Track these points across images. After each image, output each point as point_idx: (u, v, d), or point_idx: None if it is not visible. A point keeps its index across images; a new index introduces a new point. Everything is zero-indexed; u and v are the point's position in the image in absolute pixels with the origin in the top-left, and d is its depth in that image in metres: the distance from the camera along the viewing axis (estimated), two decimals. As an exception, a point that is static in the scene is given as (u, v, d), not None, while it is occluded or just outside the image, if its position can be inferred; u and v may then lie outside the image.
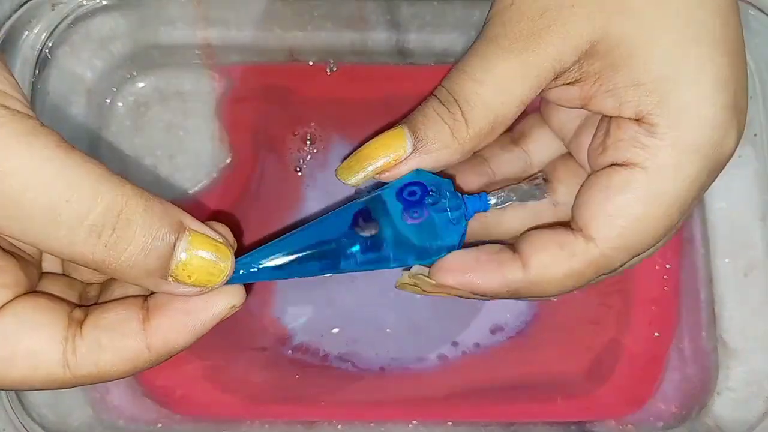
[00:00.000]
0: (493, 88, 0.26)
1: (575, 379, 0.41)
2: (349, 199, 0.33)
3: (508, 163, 0.33)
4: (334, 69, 0.44)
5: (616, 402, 0.41)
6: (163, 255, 0.22)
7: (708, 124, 0.25)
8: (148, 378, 0.41)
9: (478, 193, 0.29)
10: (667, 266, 0.42)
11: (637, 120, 0.26)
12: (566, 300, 0.42)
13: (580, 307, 0.42)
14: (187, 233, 0.23)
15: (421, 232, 0.27)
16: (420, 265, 0.28)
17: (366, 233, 0.27)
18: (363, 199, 0.27)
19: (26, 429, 0.36)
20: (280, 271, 0.26)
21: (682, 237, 0.42)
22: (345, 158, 0.28)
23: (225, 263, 0.24)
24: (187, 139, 0.43)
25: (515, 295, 0.27)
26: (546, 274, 0.26)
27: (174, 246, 0.23)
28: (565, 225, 0.27)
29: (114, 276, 0.22)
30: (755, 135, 0.40)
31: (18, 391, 0.37)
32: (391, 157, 0.26)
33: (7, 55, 0.39)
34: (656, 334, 0.42)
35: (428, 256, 0.28)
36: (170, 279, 0.23)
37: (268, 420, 0.40)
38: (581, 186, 0.27)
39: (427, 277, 0.28)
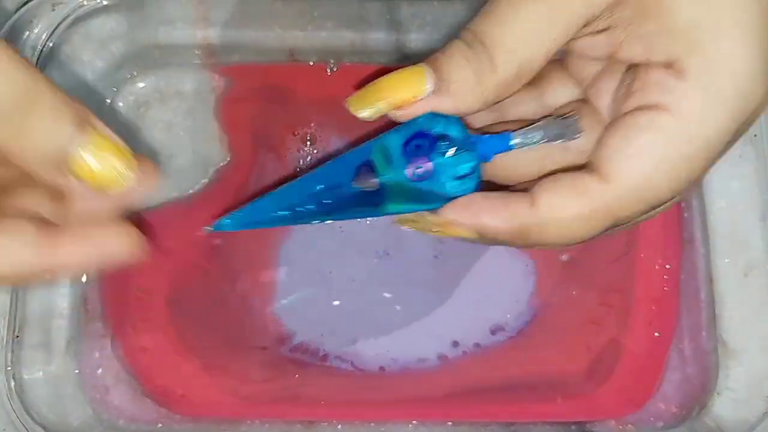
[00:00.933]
0: (522, 33, 0.25)
1: (575, 379, 0.41)
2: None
3: (521, 103, 0.31)
4: (334, 69, 0.44)
5: (616, 402, 0.41)
6: (63, 146, 0.23)
7: (739, 73, 0.24)
8: (149, 378, 0.41)
9: (500, 132, 0.27)
10: (667, 266, 0.42)
11: (666, 66, 0.25)
12: (566, 300, 0.42)
13: (580, 307, 0.42)
14: (91, 130, 0.23)
15: (425, 188, 0.26)
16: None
17: (367, 187, 0.26)
18: (365, 147, 0.26)
19: (26, 428, 0.36)
20: (280, 219, 0.27)
21: (682, 237, 0.42)
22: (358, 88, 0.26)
23: (126, 170, 0.23)
24: (187, 139, 0.43)
25: (519, 238, 0.26)
26: (555, 213, 0.25)
27: (76, 138, 0.23)
28: (581, 168, 0.26)
29: (15, 160, 0.23)
30: (755, 135, 0.40)
31: (18, 390, 0.37)
32: (409, 93, 0.25)
33: (7, 55, 0.39)
34: (656, 334, 0.42)
35: (432, 206, 0.26)
36: (69, 174, 0.23)
37: (268, 420, 0.40)
38: (604, 129, 0.26)
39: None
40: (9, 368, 0.37)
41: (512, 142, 0.27)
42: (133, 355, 0.41)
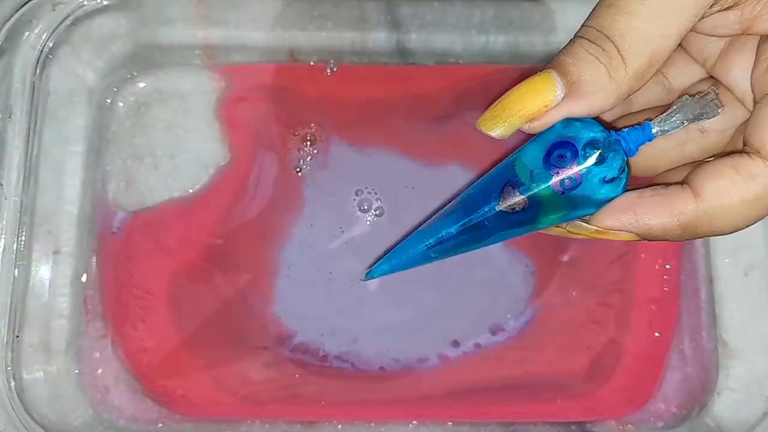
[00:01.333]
0: (650, 19, 0.23)
1: (575, 379, 0.41)
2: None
3: (646, 90, 0.29)
4: (335, 69, 0.44)
5: (617, 402, 0.41)
6: None
7: None
8: (149, 378, 0.41)
9: (637, 124, 0.26)
10: (668, 266, 0.42)
11: None
12: (566, 300, 0.42)
13: (580, 308, 0.42)
14: None
15: (575, 198, 0.25)
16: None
17: (515, 208, 0.25)
18: (503, 168, 0.25)
19: (26, 428, 0.36)
20: (429, 257, 0.27)
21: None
22: (487, 108, 0.25)
23: None
24: (187, 138, 0.43)
25: (688, 232, 0.25)
26: (722, 200, 0.24)
27: None
28: (738, 152, 0.25)
29: None
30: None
31: (18, 390, 0.37)
32: (540, 103, 0.24)
33: (7, 54, 0.39)
34: (656, 334, 0.42)
35: (586, 212, 0.25)
36: None
37: (269, 420, 0.40)
38: (754, 108, 0.25)
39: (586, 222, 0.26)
40: (9, 368, 0.37)
41: (654, 131, 0.26)
42: (133, 355, 0.41)
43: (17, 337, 0.38)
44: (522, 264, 0.42)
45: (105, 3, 0.41)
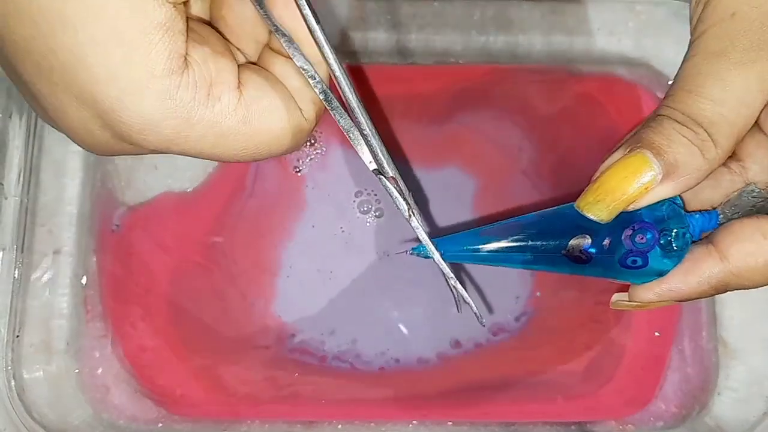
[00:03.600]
0: (736, 106, 0.24)
1: (575, 379, 0.41)
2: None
3: (728, 183, 0.29)
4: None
5: (617, 402, 0.41)
6: None
7: None
8: (148, 377, 0.41)
9: (707, 211, 0.27)
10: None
11: None
12: (566, 300, 0.42)
13: (580, 308, 0.42)
14: None
15: (634, 272, 0.26)
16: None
17: (577, 255, 0.26)
18: (588, 224, 0.26)
19: (26, 428, 0.36)
20: (491, 257, 0.27)
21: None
22: (584, 192, 0.26)
23: None
24: (187, 139, 0.43)
25: (719, 290, 0.26)
26: (748, 263, 0.25)
27: None
28: (764, 215, 0.26)
29: None
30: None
31: (18, 390, 0.37)
32: (642, 186, 0.25)
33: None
34: (656, 333, 0.42)
35: (634, 279, 0.27)
36: None
37: (269, 420, 0.40)
38: None
39: (627, 300, 0.27)
40: (9, 368, 0.37)
41: (720, 219, 0.27)
42: (132, 354, 0.41)
43: (17, 336, 0.38)
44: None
45: (105, 3, 0.41)
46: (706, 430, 0.39)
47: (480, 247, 0.27)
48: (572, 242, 0.26)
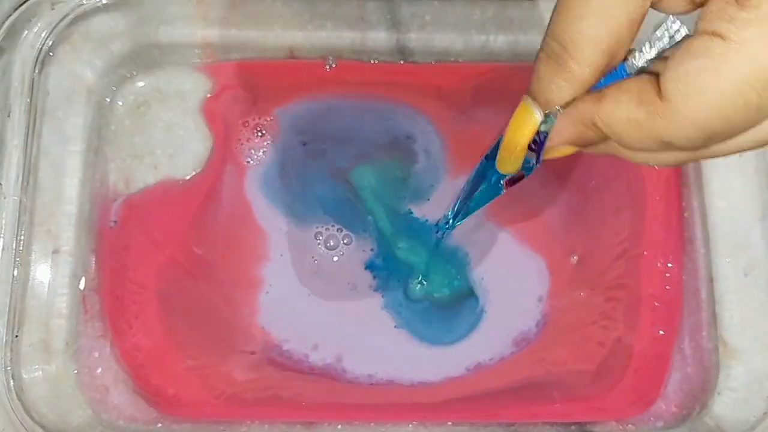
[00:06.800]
0: (595, 18, 0.24)
1: (580, 380, 0.41)
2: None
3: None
4: (334, 67, 0.44)
5: (622, 403, 0.41)
6: None
7: None
8: (142, 377, 0.40)
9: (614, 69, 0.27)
10: (669, 265, 0.42)
11: None
12: (571, 302, 0.42)
13: (584, 310, 0.42)
14: None
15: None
16: None
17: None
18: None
19: (25, 428, 0.36)
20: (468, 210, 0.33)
21: (683, 236, 0.42)
22: (491, 150, 0.28)
23: None
24: (186, 138, 0.43)
25: (598, 134, 0.26)
26: (615, 111, 0.25)
27: None
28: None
29: None
30: (755, 135, 0.40)
31: (17, 390, 0.37)
32: (530, 132, 0.26)
33: (7, 53, 0.39)
34: (660, 332, 0.41)
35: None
36: None
37: (268, 420, 0.40)
38: (674, 49, 0.26)
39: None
40: (8, 368, 0.37)
41: (628, 71, 0.26)
42: (127, 353, 0.41)
43: (17, 336, 0.38)
44: (534, 264, 0.42)
45: (104, 2, 0.41)
46: (706, 430, 0.39)
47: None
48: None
